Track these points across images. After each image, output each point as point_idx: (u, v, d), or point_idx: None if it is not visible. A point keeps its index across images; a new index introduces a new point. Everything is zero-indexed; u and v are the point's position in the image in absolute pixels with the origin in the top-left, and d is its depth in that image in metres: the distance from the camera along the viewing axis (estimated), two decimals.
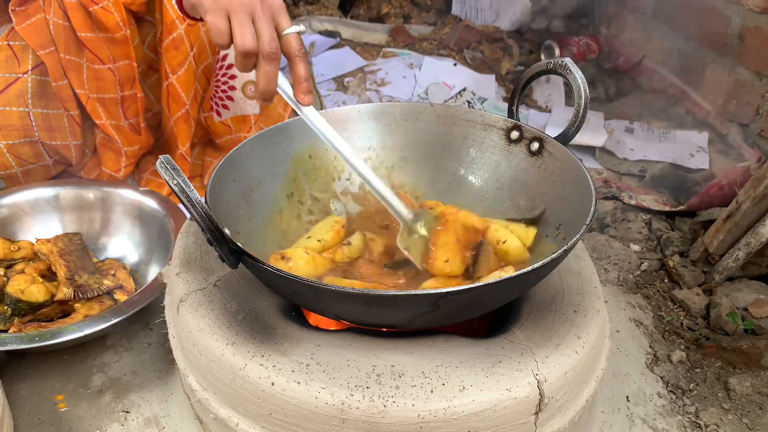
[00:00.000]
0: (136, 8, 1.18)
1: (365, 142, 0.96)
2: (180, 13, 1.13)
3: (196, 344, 0.72)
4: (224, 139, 1.37)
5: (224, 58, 1.27)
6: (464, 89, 1.92)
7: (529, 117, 1.85)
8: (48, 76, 1.17)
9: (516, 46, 2.20)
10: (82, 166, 1.32)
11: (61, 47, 1.16)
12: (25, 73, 1.15)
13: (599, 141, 1.65)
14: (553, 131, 0.85)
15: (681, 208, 1.40)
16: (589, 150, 1.68)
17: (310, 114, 0.80)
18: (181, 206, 1.11)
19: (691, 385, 0.98)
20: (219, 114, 1.33)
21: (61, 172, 1.31)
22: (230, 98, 1.30)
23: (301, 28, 0.79)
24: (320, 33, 2.30)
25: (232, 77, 1.28)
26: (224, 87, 1.30)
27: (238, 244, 0.65)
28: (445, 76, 1.99)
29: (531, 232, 0.82)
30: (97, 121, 1.24)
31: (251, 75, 1.27)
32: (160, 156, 0.62)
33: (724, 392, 0.96)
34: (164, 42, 1.20)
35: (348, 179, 0.95)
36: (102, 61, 1.19)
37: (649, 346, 1.05)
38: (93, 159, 1.32)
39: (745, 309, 1.10)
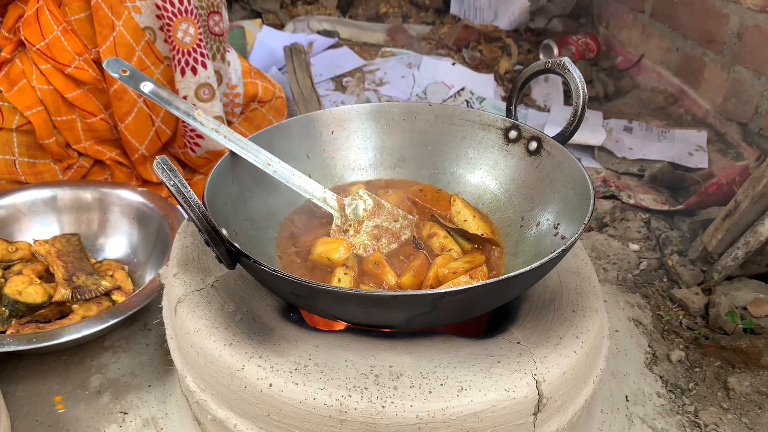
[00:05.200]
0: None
1: (363, 143, 0.96)
2: None
3: (194, 345, 0.72)
4: (206, 168, 1.38)
5: (185, 98, 1.25)
6: (463, 89, 1.92)
7: (528, 116, 1.85)
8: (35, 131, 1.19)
9: (514, 46, 2.20)
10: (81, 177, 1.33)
11: (52, 110, 1.19)
12: (11, 129, 1.17)
13: (598, 140, 1.65)
14: (551, 130, 0.85)
15: (680, 207, 1.40)
16: (588, 149, 1.68)
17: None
18: (179, 207, 1.11)
19: (690, 385, 0.97)
20: (194, 150, 1.33)
21: None
22: (199, 136, 1.30)
23: None
24: (319, 33, 2.30)
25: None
26: (190, 128, 1.29)
27: (236, 244, 0.65)
28: (443, 76, 1.99)
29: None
30: (102, 158, 1.28)
31: (215, 111, 1.29)
32: (157, 157, 0.62)
33: (724, 391, 0.96)
34: (109, 93, 1.22)
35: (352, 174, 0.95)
36: (93, 114, 1.23)
37: (648, 346, 1.05)
38: (94, 171, 1.32)
39: (744, 308, 1.10)
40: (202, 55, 1.23)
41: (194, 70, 1.23)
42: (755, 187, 1.13)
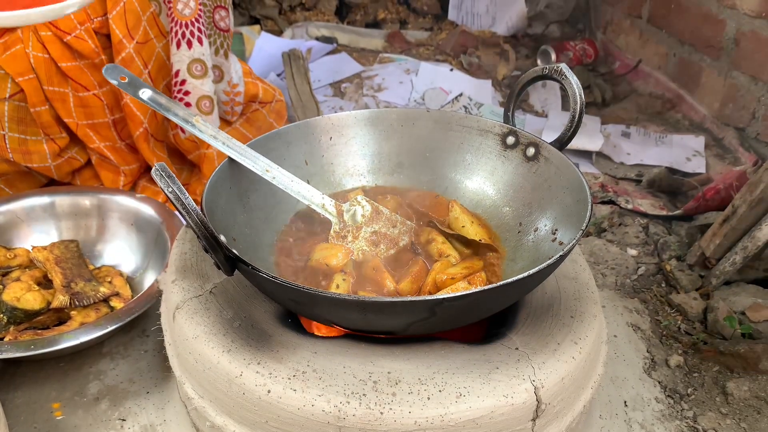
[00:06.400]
0: (107, 32, 1.19)
1: (362, 149, 0.96)
2: (127, 31, 1.16)
3: (192, 352, 0.72)
4: (194, 154, 1.37)
5: (177, 74, 1.26)
6: (461, 94, 1.92)
7: (526, 122, 1.85)
8: (26, 103, 1.17)
9: (512, 51, 2.21)
10: (71, 178, 1.31)
11: (44, 79, 1.17)
12: (3, 99, 1.15)
13: (596, 145, 1.66)
14: (549, 136, 0.85)
15: (678, 212, 1.40)
16: (586, 154, 1.68)
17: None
18: (177, 213, 1.11)
19: (689, 390, 0.98)
20: (183, 131, 1.32)
21: (52, 180, 1.30)
22: None
23: None
24: (317, 39, 2.31)
25: (186, 93, 1.27)
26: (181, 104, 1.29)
27: (234, 251, 0.65)
28: (441, 82, 1.99)
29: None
30: (91, 146, 1.26)
31: (204, 90, 1.28)
32: (155, 163, 0.62)
33: (722, 397, 0.96)
34: (115, 62, 1.21)
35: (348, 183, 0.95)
36: (86, 88, 1.21)
37: (647, 351, 1.05)
38: (87, 171, 1.32)
39: (743, 313, 1.10)
40: (199, 30, 1.23)
41: (189, 44, 1.23)
42: (753, 192, 1.13)
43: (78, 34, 1.16)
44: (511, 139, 0.89)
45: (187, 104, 1.28)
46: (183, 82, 1.26)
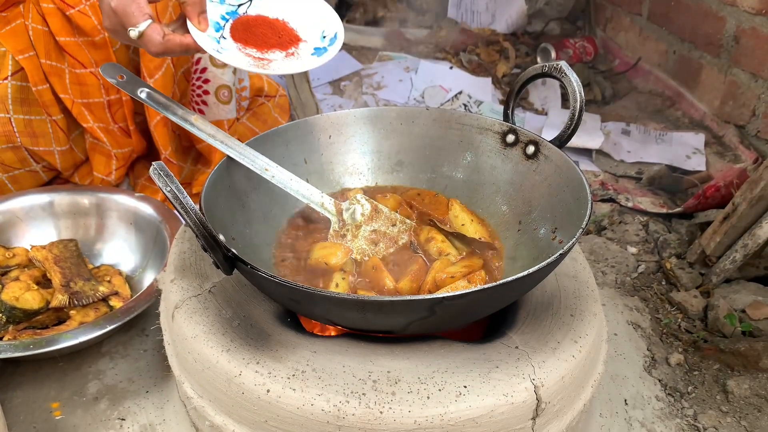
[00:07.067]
0: None
1: (361, 147, 0.96)
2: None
3: (191, 351, 0.72)
4: (203, 144, 1.36)
5: (198, 61, 1.25)
6: (460, 92, 1.92)
7: (526, 120, 1.85)
8: (28, 82, 1.16)
9: (512, 49, 2.20)
10: (73, 172, 1.31)
11: (42, 53, 1.15)
12: (5, 79, 1.14)
13: (596, 143, 1.65)
14: (549, 134, 0.85)
15: (678, 210, 1.40)
16: (586, 152, 1.68)
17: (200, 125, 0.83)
18: (176, 212, 1.11)
19: (690, 388, 0.97)
20: None
21: (54, 178, 1.30)
22: (204, 103, 1.29)
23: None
24: None
25: (206, 81, 1.27)
26: (198, 92, 1.29)
27: (233, 250, 0.65)
28: (441, 80, 1.99)
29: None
30: (85, 125, 1.23)
31: (224, 79, 1.28)
32: (153, 163, 0.62)
33: (723, 395, 0.96)
34: None
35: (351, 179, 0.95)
36: (83, 65, 1.19)
37: (647, 349, 1.04)
38: (86, 167, 1.31)
39: (743, 311, 1.10)
40: None
41: None
42: (753, 189, 1.13)
43: (82, 9, 1.14)
44: (510, 137, 0.89)
45: (206, 92, 1.28)
46: (204, 70, 1.26)
